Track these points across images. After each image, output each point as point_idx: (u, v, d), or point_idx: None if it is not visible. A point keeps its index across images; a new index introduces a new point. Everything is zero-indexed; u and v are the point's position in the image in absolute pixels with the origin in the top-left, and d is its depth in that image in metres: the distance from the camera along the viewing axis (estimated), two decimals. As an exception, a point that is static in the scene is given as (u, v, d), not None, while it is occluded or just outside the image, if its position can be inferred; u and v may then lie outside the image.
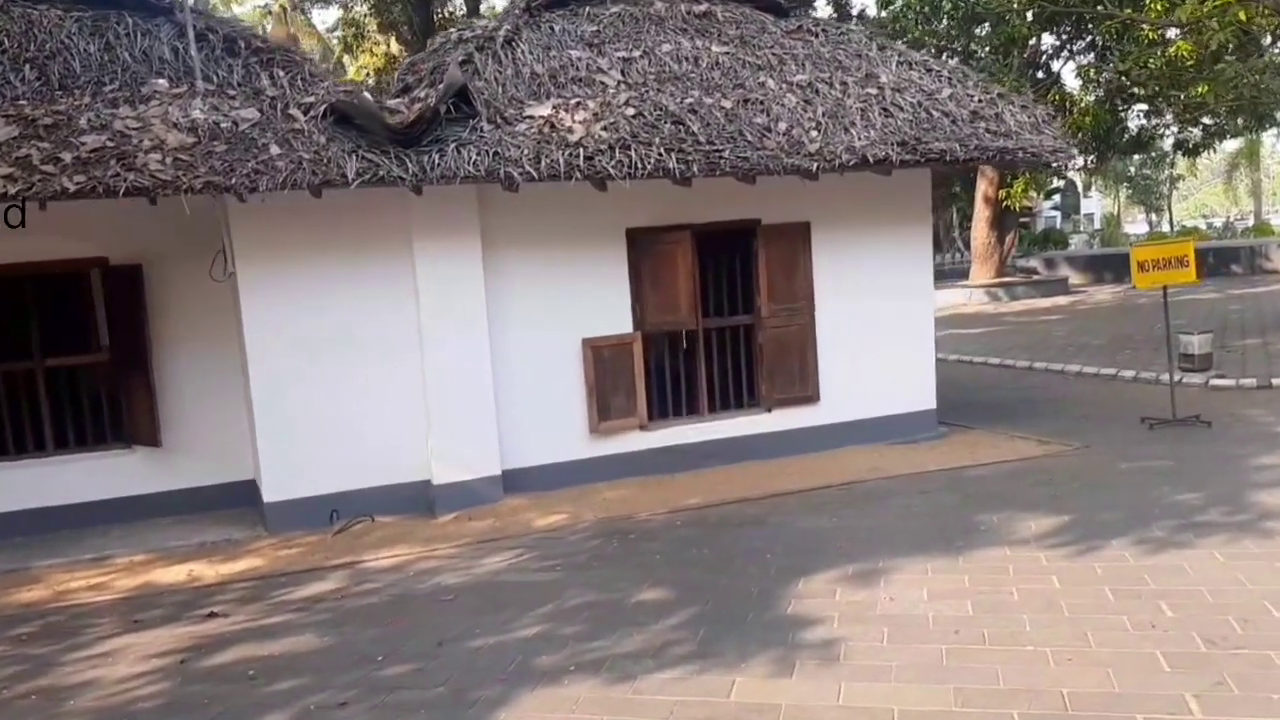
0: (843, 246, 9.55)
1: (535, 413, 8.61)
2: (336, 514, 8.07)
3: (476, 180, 7.58)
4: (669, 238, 8.93)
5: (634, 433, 8.95)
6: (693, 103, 8.73)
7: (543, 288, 8.60)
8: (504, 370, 8.46)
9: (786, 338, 9.42)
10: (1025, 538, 6.59)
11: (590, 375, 8.71)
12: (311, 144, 7.46)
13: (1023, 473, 8.50)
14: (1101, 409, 11.22)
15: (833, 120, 8.92)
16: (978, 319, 22.31)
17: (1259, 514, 6.73)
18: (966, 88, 9.84)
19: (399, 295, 8.11)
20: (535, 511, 8.17)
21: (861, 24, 24.70)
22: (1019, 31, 22.83)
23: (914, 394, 9.90)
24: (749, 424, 9.36)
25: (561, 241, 8.64)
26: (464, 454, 8.27)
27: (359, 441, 8.12)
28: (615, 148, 7.99)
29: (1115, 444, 9.34)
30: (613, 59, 9.17)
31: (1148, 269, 9.99)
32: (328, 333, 7.99)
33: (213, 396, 8.55)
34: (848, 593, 5.75)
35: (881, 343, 9.73)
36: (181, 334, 8.51)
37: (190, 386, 8.58)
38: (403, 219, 8.06)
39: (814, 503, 7.97)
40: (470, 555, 7.18)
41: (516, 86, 8.62)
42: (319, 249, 7.95)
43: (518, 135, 7.93)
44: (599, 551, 7.04)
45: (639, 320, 8.92)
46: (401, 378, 8.16)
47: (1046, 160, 9.41)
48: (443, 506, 8.19)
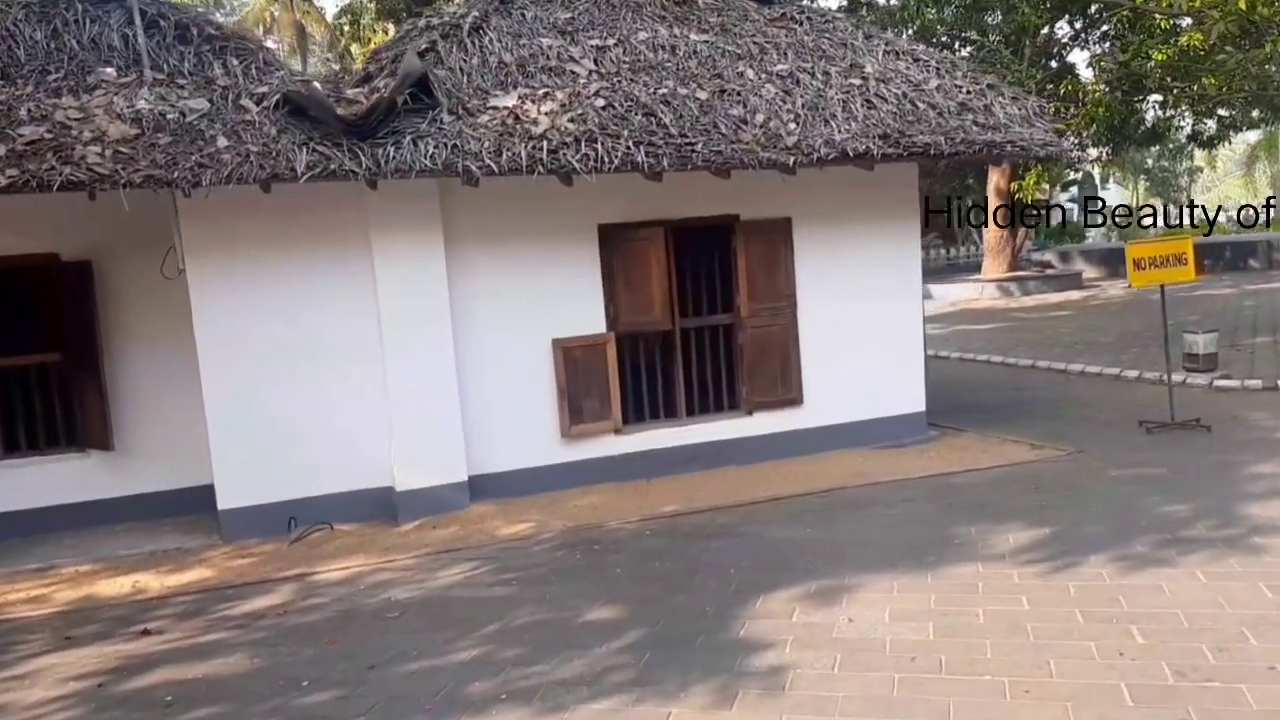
0: (827, 243, 9.20)
1: (504, 416, 8.32)
2: (294, 521, 7.79)
3: (433, 174, 7.28)
4: (643, 234, 8.61)
5: (608, 437, 8.64)
6: (666, 93, 8.40)
7: (511, 286, 8.29)
8: (470, 372, 8.17)
9: (768, 338, 9.08)
10: (1001, 552, 6.25)
11: (561, 377, 8.41)
12: (261, 136, 7.19)
13: (1010, 480, 8.15)
14: (1100, 411, 10.83)
15: (812, 112, 8.58)
16: (987, 314, 21.88)
17: (1248, 528, 6.36)
18: (955, 78, 9.47)
19: (359, 293, 7.83)
20: (502, 520, 7.88)
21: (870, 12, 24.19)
22: (1029, 20, 22.34)
23: (902, 396, 9.54)
24: (729, 428, 9.03)
25: (530, 238, 8.34)
26: (428, 459, 7.98)
27: (318, 445, 7.85)
28: (581, 140, 7.68)
29: (1109, 449, 8.97)
30: (585, 47, 8.84)
31: (1144, 267, 9.60)
32: (284, 332, 7.72)
33: (170, 398, 8.28)
34: (806, 613, 5.43)
35: (868, 343, 9.38)
36: (136, 333, 8.26)
37: (146, 387, 8.33)
38: (362, 214, 7.77)
39: (791, 511, 7.65)
40: (427, 567, 6.90)
41: (483, 76, 8.32)
42: (274, 245, 7.68)
43: (479, 127, 7.63)
44: (560, 564, 6.74)
45: (613, 320, 8.60)
46: (362, 379, 7.87)
47: (1037, 154, 9.03)
48: (406, 514, 7.91)
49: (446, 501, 7.99)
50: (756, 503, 7.95)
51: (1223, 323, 16.13)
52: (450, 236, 8.04)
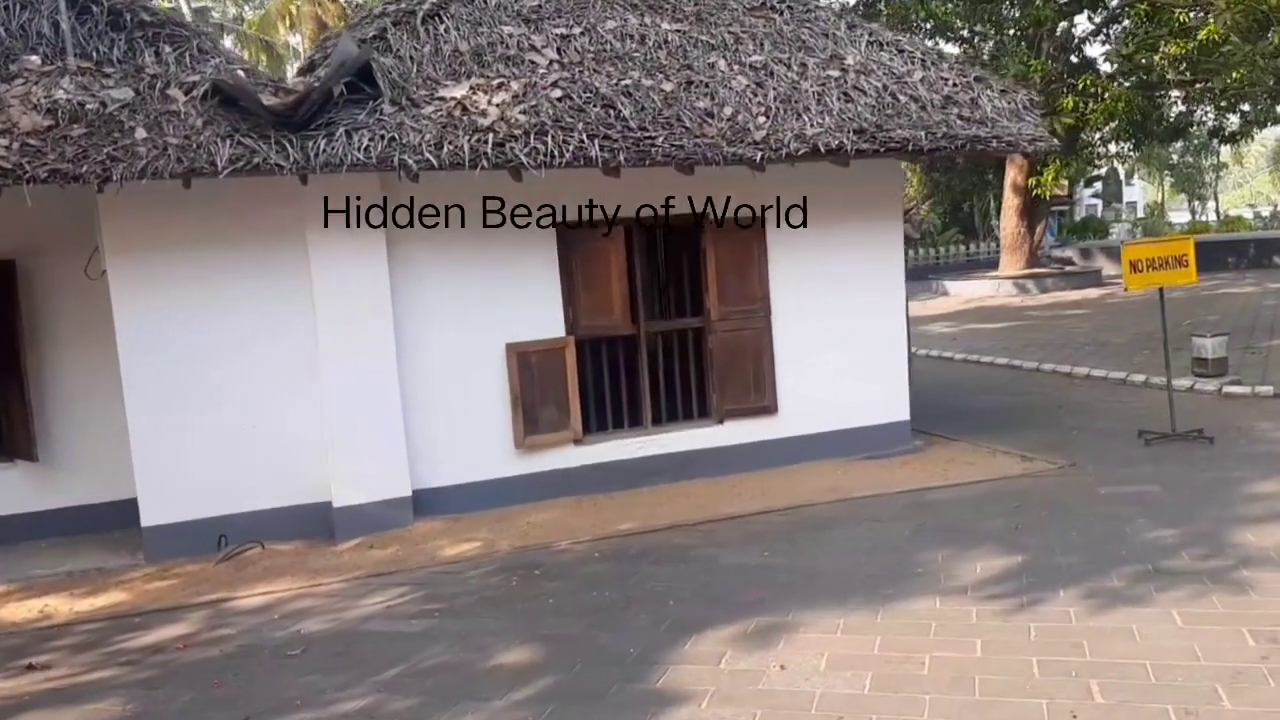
0: (803, 242, 8.66)
1: (452, 427, 7.84)
2: (224, 539, 7.35)
3: (365, 169, 6.81)
4: (618, 232, 8.09)
5: (566, 448, 8.15)
6: (630, 84, 7.89)
7: (461, 287, 7.82)
8: (415, 379, 7.70)
9: (739, 342, 8.56)
10: (964, 584, 5.71)
11: (515, 384, 7.92)
12: (185, 128, 6.73)
13: (992, 497, 7.60)
14: (1101, 419, 10.24)
15: (785, 105, 8.04)
16: (1000, 313, 21.21)
17: (1237, 559, 5.79)
18: (940, 70, 8.90)
19: (295, 295, 7.37)
20: (446, 539, 7.42)
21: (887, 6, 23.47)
22: (1045, 13, 21.58)
23: (885, 404, 8.99)
24: (698, 437, 8.52)
25: (483, 237, 7.84)
26: (367, 473, 7.52)
27: (250, 458, 7.40)
28: (531, 133, 7.18)
29: (1103, 462, 8.40)
30: (549, 36, 8.34)
31: (1141, 269, 8.99)
32: (214, 336, 7.28)
33: (101, 406, 7.84)
34: (737, 657, 4.92)
35: (847, 348, 8.84)
36: (65, 337, 7.85)
37: (75, 395, 7.92)
38: (297, 211, 7.31)
39: (753, 532, 7.14)
40: (351, 594, 6.44)
41: (434, 65, 7.83)
42: (203, 244, 7.24)
43: (422, 119, 7.15)
44: (492, 592, 6.27)
45: (572, 323, 8.11)
46: (298, 387, 7.42)
47: (1024, 149, 8.44)
48: (344, 532, 7.45)
49: (388, 519, 7.53)
50: (719, 520, 7.45)
51: (1240, 323, 15.45)
52: (394, 235, 7.57)
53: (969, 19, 23.30)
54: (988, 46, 25.25)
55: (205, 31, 7.72)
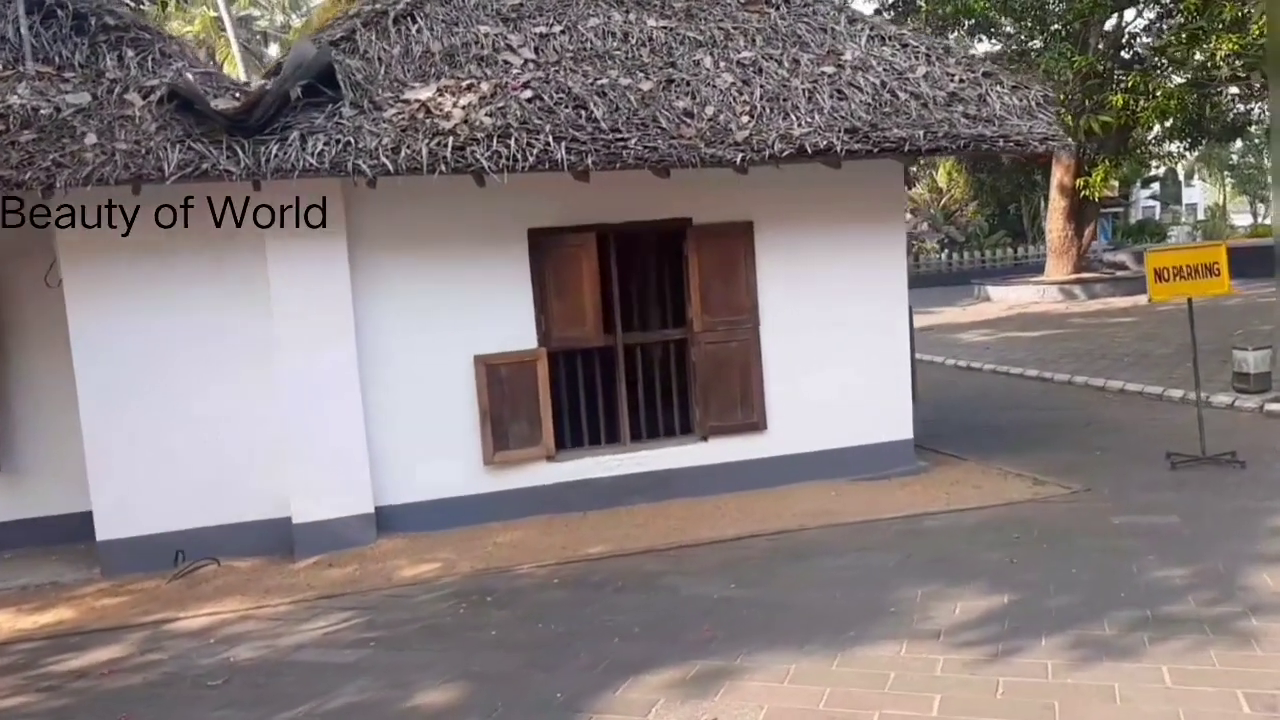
0: (795, 249, 8.18)
1: (418, 442, 7.50)
2: (182, 555, 7.08)
3: (319, 174, 6.49)
4: (579, 240, 7.70)
5: (539, 464, 7.76)
6: (606, 84, 7.49)
7: (428, 296, 7.47)
8: (379, 392, 7.37)
9: (725, 355, 8.10)
10: (937, 628, 5.21)
11: (484, 398, 7.55)
12: (137, 133, 6.49)
13: (993, 525, 7.06)
14: (1129, 438, 9.62)
15: (772, 104, 7.58)
16: (1041, 320, 20.43)
17: (1246, 605, 5.22)
18: (947, 66, 8.37)
19: (254, 304, 7.08)
20: (407, 558, 7.07)
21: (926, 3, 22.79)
22: (1090, 6, 20.73)
23: (885, 421, 8.47)
24: (680, 455, 8.08)
25: (451, 243, 7.50)
26: (328, 489, 7.20)
27: (209, 471, 7.13)
28: (495, 136, 6.81)
29: (1122, 488, 7.81)
30: (527, 35, 7.98)
31: (1167, 278, 8.38)
32: (172, 347, 7.03)
33: (68, 415, 7.55)
34: (668, 707, 4.48)
35: (844, 361, 8.33)
36: (30, 343, 7.65)
37: (42, 404, 7.71)
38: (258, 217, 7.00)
39: (728, 558, 6.69)
40: (295, 617, 6.12)
41: (404, 67, 7.51)
42: (160, 252, 6.98)
43: (381, 122, 6.82)
44: (437, 620, 5.89)
45: (545, 334, 7.71)
46: (257, 399, 7.13)
47: (1035, 149, 7.88)
48: (303, 549, 7.14)
49: (349, 536, 7.21)
50: (695, 545, 7.01)
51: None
52: (357, 242, 7.25)
53: (1011, 14, 22.49)
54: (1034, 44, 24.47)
55: (171, 35, 7.44)
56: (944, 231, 35.65)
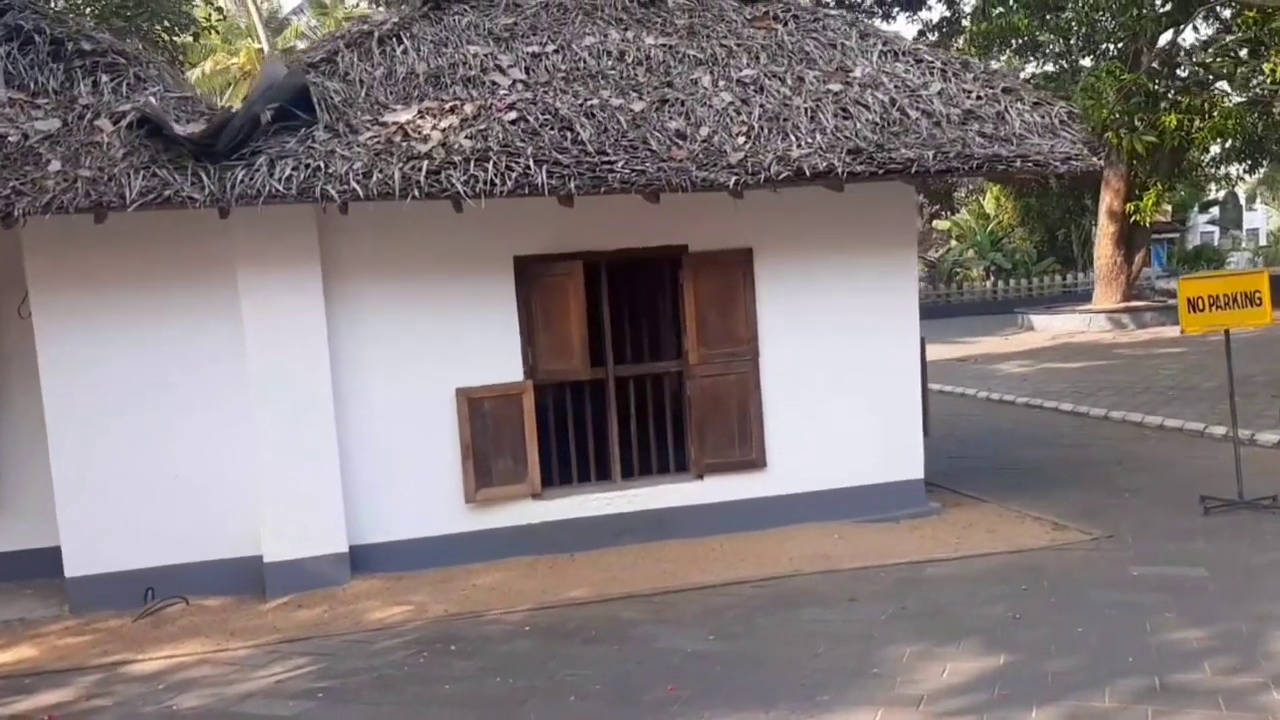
0: (797, 278, 7.78)
1: (396, 478, 7.19)
2: (152, 592, 6.85)
3: (284, 200, 6.23)
4: (568, 268, 7.37)
5: (524, 502, 7.41)
6: (596, 105, 7.19)
7: (408, 326, 7.18)
8: (356, 426, 7.08)
9: (722, 389, 7.70)
10: (919, 693, 4.77)
11: (466, 432, 7.23)
12: (104, 159, 6.28)
13: (1001, 574, 6.58)
14: (1162, 478, 9.06)
15: (771, 123, 7.22)
16: (1085, 351, 19.72)
17: (1269, 676, 4.71)
18: (964, 82, 7.95)
19: (226, 336, 6.84)
20: (379, 600, 6.75)
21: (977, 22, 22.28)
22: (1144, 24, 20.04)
23: (894, 460, 7.99)
24: (674, 494, 7.68)
25: (433, 271, 7.22)
26: (300, 526, 6.91)
27: (180, 507, 6.88)
28: (472, 159, 6.52)
29: (1148, 534, 7.29)
30: (519, 55, 7.71)
31: (1202, 308, 7.85)
32: (143, 379, 6.81)
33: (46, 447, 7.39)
34: (608, 780, 4.11)
35: (850, 396, 7.89)
36: (15, 377, 7.45)
37: (19, 434, 7.51)
38: (227, 245, 6.79)
39: (713, 606, 6.29)
40: (253, 662, 5.83)
41: (386, 89, 7.27)
42: (130, 282, 6.79)
43: (355, 146, 6.56)
44: (394, 671, 5.57)
45: (531, 367, 7.39)
46: (229, 433, 6.88)
47: (1055, 170, 7.41)
48: (275, 588, 6.86)
49: (322, 576, 6.91)
50: (681, 591, 6.62)
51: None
52: (333, 270, 6.99)
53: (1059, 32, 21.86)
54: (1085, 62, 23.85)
55: (150, 59, 7.26)
56: (989, 259, 34.87)
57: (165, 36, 17.93)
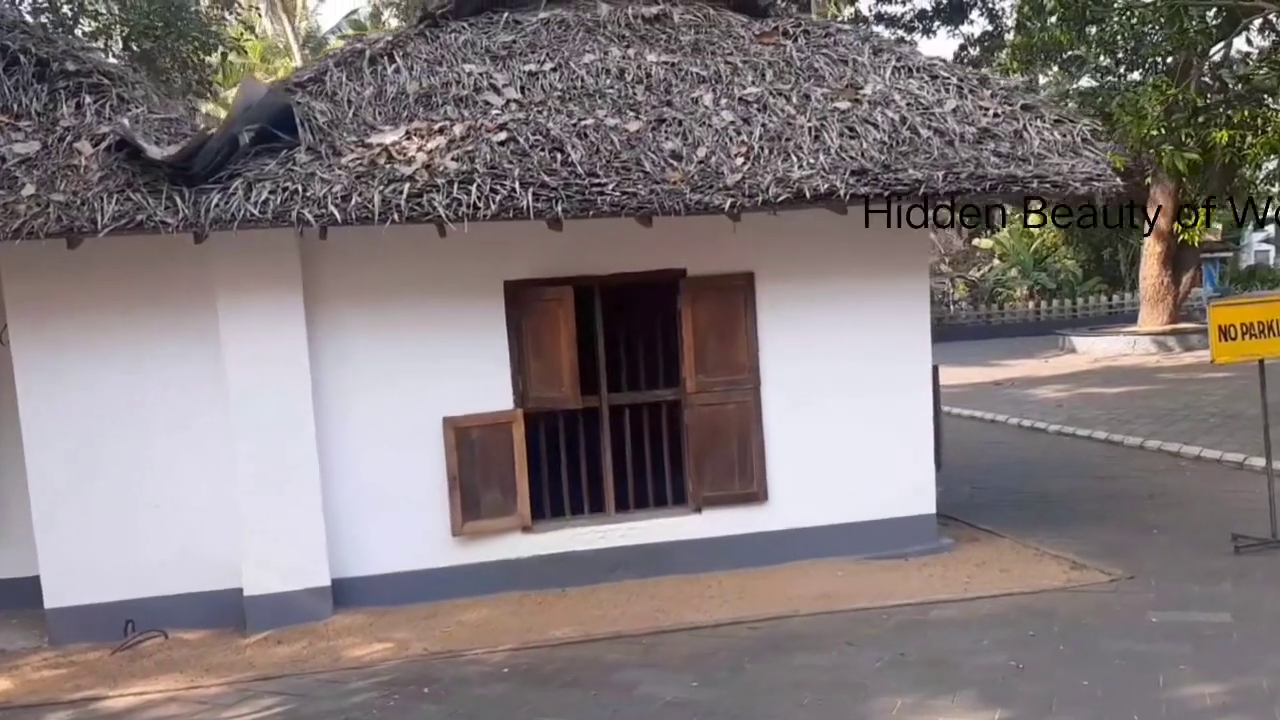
0: (801, 303, 7.48)
1: (381, 510, 6.98)
2: (132, 625, 6.70)
3: (259, 224, 6.06)
4: (559, 293, 7.13)
5: (513, 535, 7.16)
6: (590, 125, 6.96)
7: (393, 353, 6.98)
8: (339, 456, 6.89)
9: (722, 418, 7.40)
10: (902, 755, 4.44)
11: (452, 462, 7.00)
12: (79, 183, 6.17)
13: (1011, 618, 6.20)
14: (1194, 514, 8.60)
15: (772, 144, 6.95)
16: (1127, 375, 19.10)
17: (1285, 743, 4.32)
18: (980, 99, 7.61)
19: (207, 363, 6.68)
20: (360, 637, 6.53)
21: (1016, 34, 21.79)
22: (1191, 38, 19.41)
23: (903, 494, 7.63)
24: (672, 528, 7.39)
25: (420, 297, 7.02)
26: (281, 559, 6.72)
27: (160, 539, 6.73)
28: (456, 182, 6.32)
29: (1172, 575, 6.87)
30: (515, 73, 7.51)
31: (1234, 336, 7.43)
32: (121, 408, 6.68)
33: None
34: None
35: (856, 427, 7.55)
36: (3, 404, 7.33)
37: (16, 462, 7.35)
38: (207, 271, 6.64)
39: (701, 650, 5.99)
40: (221, 701, 5.64)
41: (376, 109, 7.10)
42: (109, 308, 6.66)
43: (337, 168, 6.39)
44: (358, 715, 5.35)
45: (522, 395, 7.15)
46: (210, 463, 6.72)
47: (1076, 191, 7.04)
48: (255, 622, 6.67)
49: (303, 610, 6.71)
50: (671, 631, 6.32)
51: None
52: (316, 295, 6.82)
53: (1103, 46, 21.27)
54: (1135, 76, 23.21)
55: (135, 79, 7.16)
56: (1033, 278, 34.17)
57: (195, 56, 18.04)
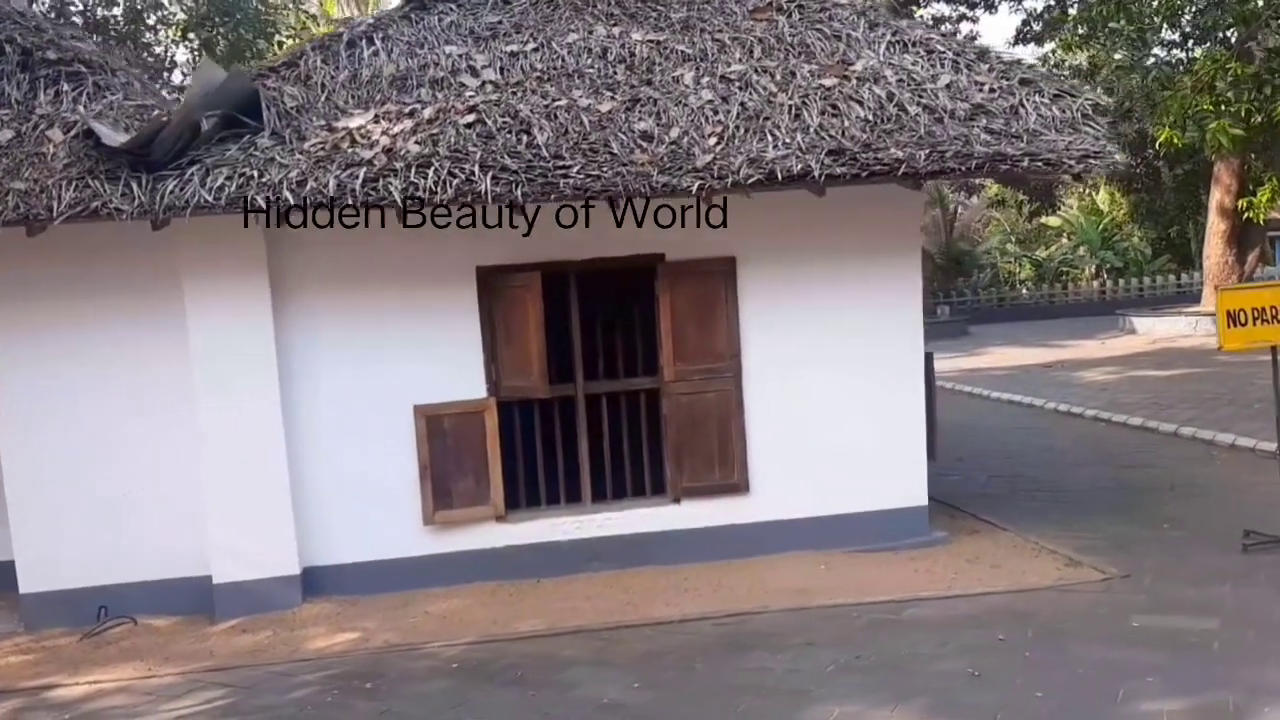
0: (785, 288, 7.22)
1: (352, 498, 6.92)
2: (105, 611, 6.74)
3: (213, 211, 6.01)
4: (529, 279, 6.96)
5: (487, 525, 7.06)
6: (562, 106, 6.78)
7: (363, 341, 6.90)
8: (308, 444, 6.84)
9: (701, 407, 7.19)
10: (823, 769, 4.23)
11: (424, 451, 6.91)
12: (43, 171, 6.18)
13: (986, 619, 5.92)
14: (1213, 507, 8.18)
15: (749, 123, 6.69)
16: (1182, 357, 18.37)
17: (1230, 770, 4.01)
18: (976, 74, 7.26)
19: (175, 350, 6.67)
20: (325, 627, 6.49)
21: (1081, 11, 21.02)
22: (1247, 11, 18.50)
23: (893, 485, 7.36)
24: (650, 518, 7.21)
25: (390, 283, 6.92)
26: (250, 548, 6.70)
27: (132, 525, 6.77)
28: (414, 166, 6.19)
29: (1170, 574, 6.53)
30: (496, 54, 7.35)
31: (1242, 322, 7.00)
32: (91, 395, 6.72)
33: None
34: None
35: (843, 416, 7.29)
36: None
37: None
38: (173, 258, 6.62)
39: (657, 647, 5.83)
40: (169, 692, 5.63)
41: (349, 92, 7.01)
42: (79, 295, 6.69)
43: (296, 153, 6.30)
44: (296, 711, 5.30)
45: (495, 383, 7.02)
46: (180, 451, 6.72)
47: (1069, 169, 6.67)
48: (224, 610, 6.67)
49: (272, 598, 6.69)
50: (635, 626, 6.17)
51: None
52: (283, 283, 6.76)
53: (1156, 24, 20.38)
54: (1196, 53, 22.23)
55: (112, 66, 7.15)
56: (1100, 257, 33.14)
57: (254, 46, 18.28)
